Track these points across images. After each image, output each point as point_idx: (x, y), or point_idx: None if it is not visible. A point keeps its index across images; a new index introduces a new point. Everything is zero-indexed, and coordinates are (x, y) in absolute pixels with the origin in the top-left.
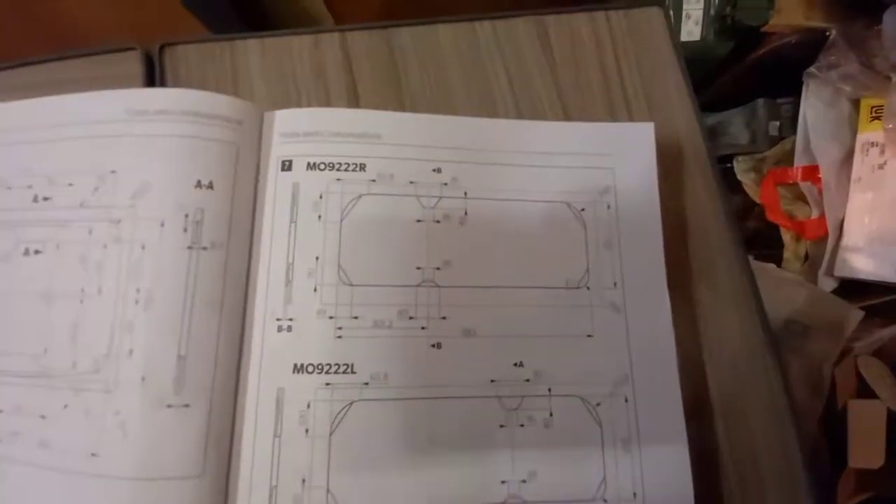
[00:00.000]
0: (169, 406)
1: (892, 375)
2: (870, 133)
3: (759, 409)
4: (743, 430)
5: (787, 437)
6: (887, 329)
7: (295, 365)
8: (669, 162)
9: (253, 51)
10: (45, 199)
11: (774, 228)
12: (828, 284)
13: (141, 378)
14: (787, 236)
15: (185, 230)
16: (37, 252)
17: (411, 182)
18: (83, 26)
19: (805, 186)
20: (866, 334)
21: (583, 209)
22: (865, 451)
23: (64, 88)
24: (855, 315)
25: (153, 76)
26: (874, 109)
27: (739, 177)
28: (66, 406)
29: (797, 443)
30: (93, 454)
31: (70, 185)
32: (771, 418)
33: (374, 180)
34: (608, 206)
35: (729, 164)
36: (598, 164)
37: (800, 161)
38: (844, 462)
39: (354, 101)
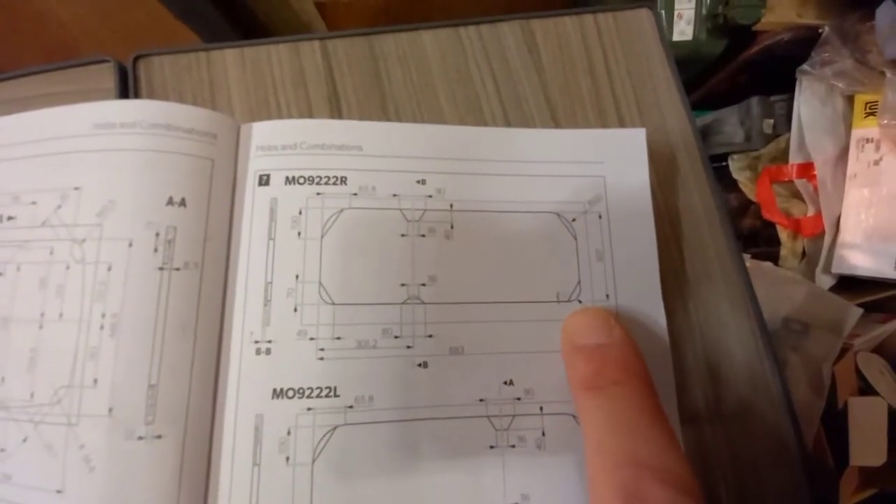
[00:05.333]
0: (140, 438)
1: (893, 372)
2: (864, 129)
3: (758, 413)
4: (742, 433)
5: (787, 439)
6: (886, 325)
7: (274, 390)
8: (662, 165)
9: (231, 61)
10: (10, 218)
11: (771, 226)
12: (825, 281)
13: (108, 409)
14: (783, 234)
15: (156, 250)
16: None
17: (394, 195)
18: (73, 37)
19: (801, 184)
20: (866, 331)
21: (573, 219)
22: (867, 449)
23: (36, 104)
24: (854, 312)
25: (127, 89)
26: (868, 105)
27: (735, 175)
28: (25, 439)
29: (797, 445)
30: (58, 490)
31: (33, 203)
32: (770, 421)
33: (355, 194)
34: (599, 216)
35: (724, 163)
36: (589, 172)
37: (795, 158)
38: (847, 460)
39: (336, 111)
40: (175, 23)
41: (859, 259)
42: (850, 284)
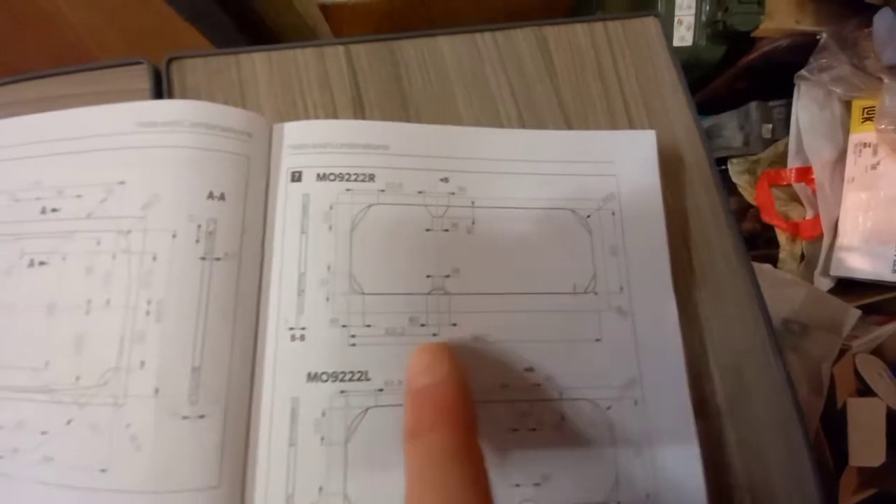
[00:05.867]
0: (184, 417)
1: (891, 373)
2: (862, 134)
3: (764, 407)
4: (749, 427)
5: (793, 433)
6: (885, 327)
7: (309, 373)
8: (670, 167)
9: (259, 64)
10: (54, 210)
11: (770, 229)
12: (824, 284)
13: (154, 390)
14: (782, 237)
15: (198, 241)
16: (42, 263)
17: (419, 192)
18: (80, 39)
19: (799, 187)
20: (864, 333)
21: (588, 216)
22: (866, 449)
23: (70, 102)
24: (852, 314)
25: (160, 90)
26: (866, 110)
27: (734, 179)
28: (69, 421)
29: (803, 439)
30: (102, 469)
31: (79, 196)
32: (776, 415)
33: (383, 190)
34: (613, 213)
35: (723, 167)
36: (602, 171)
37: (793, 162)
38: (846, 460)
39: (360, 113)
40: (183, 25)
41: (857, 262)
42: (848, 287)
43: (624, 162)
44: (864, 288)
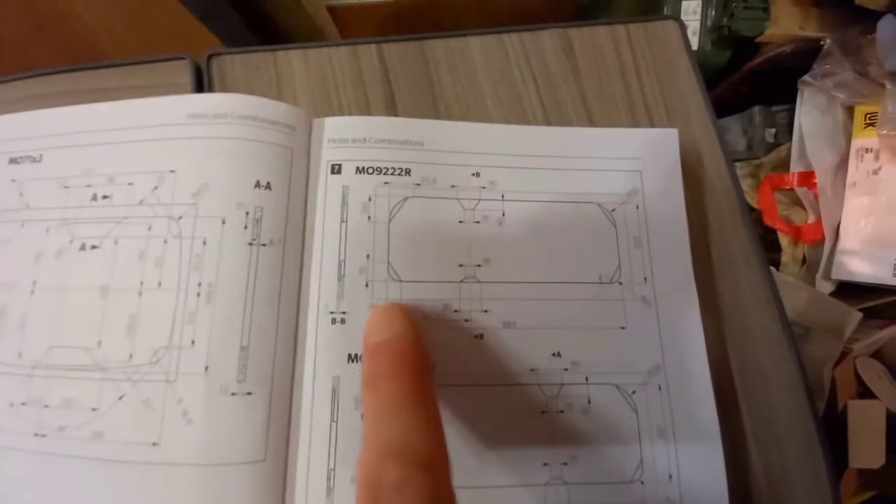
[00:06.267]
0: (233, 394)
1: (891, 376)
2: (864, 139)
3: (779, 395)
4: (764, 413)
5: (807, 421)
6: (885, 330)
7: (349, 355)
8: (689, 165)
9: (296, 61)
10: (105, 197)
11: (772, 233)
12: (825, 287)
13: (204, 368)
14: (784, 240)
15: (246, 227)
16: (93, 247)
17: (452, 186)
18: (95, 37)
19: (801, 192)
20: (865, 336)
21: (613, 209)
22: (866, 451)
23: (110, 96)
24: (854, 317)
25: (201, 85)
26: (868, 116)
27: None
28: (121, 397)
29: (815, 425)
30: (154, 443)
31: (130, 184)
32: (791, 403)
33: (418, 184)
34: (637, 207)
35: None
36: (626, 167)
37: (796, 167)
38: (846, 462)
39: (392, 109)
40: (196, 24)
41: (858, 265)
42: (849, 290)
43: (648, 159)
44: (864, 291)
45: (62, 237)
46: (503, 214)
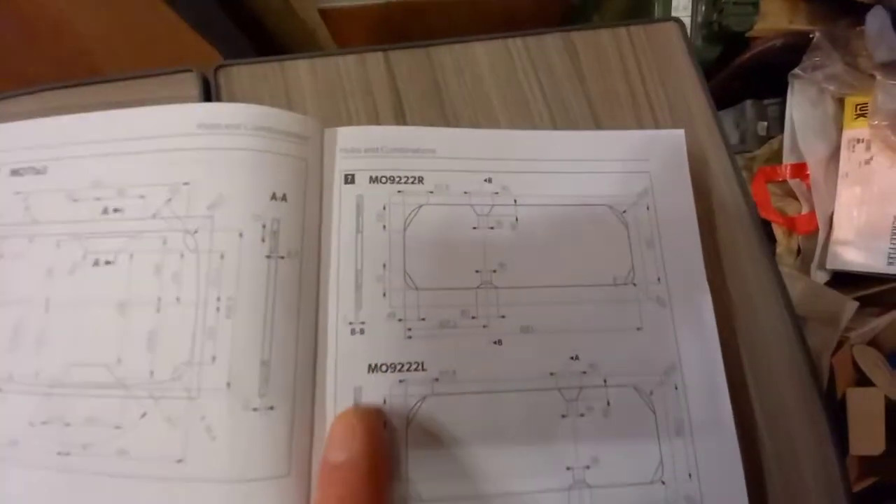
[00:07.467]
0: (255, 409)
1: (888, 363)
2: (855, 130)
3: (789, 388)
4: (776, 406)
5: (817, 413)
6: (881, 318)
7: (370, 365)
8: (695, 164)
9: (303, 71)
10: (116, 210)
11: (766, 225)
12: (820, 277)
13: (226, 383)
14: (779, 232)
15: (264, 240)
16: (107, 263)
17: (465, 192)
18: (89, 48)
19: (794, 183)
20: (861, 324)
21: (624, 211)
22: (865, 439)
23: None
24: (850, 306)
25: (209, 97)
26: (858, 107)
27: None
28: (144, 414)
29: (824, 414)
30: (178, 460)
31: (141, 196)
32: (801, 395)
33: (431, 192)
34: (647, 208)
35: None
36: (636, 168)
37: (788, 159)
38: (846, 450)
39: (401, 117)
40: (190, 33)
41: (852, 255)
42: (843, 280)
43: (656, 160)
44: (859, 280)
45: (74, 252)
46: (516, 219)
